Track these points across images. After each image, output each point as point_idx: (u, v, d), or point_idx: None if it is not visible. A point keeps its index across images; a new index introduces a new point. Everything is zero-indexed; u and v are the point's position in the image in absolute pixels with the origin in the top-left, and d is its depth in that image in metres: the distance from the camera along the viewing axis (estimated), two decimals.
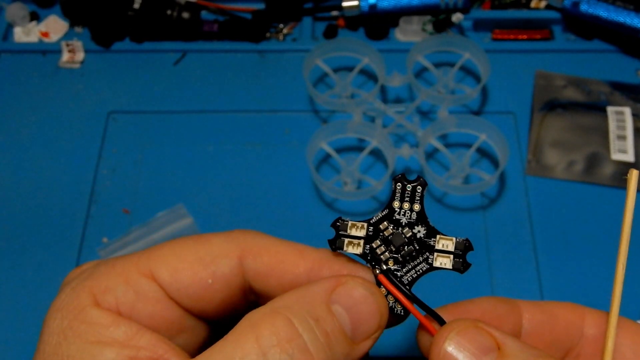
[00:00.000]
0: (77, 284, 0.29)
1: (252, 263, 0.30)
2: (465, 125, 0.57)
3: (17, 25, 0.68)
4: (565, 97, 0.61)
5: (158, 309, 0.29)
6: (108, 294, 0.28)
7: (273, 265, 0.30)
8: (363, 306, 0.28)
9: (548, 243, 0.54)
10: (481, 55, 0.59)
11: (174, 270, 0.29)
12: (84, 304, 0.28)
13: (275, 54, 0.66)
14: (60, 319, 0.28)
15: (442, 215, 0.56)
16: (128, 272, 0.29)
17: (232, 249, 0.30)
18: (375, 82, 0.62)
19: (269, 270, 0.30)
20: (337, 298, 0.28)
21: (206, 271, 0.29)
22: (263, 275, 0.30)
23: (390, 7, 0.65)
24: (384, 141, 0.55)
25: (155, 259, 0.29)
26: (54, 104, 0.63)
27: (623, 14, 0.62)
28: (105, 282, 0.29)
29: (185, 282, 0.29)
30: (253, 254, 0.30)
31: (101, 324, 0.27)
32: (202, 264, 0.29)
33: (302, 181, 0.58)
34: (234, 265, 0.29)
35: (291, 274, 0.30)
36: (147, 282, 0.29)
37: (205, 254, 0.29)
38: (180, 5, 0.65)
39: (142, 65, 0.65)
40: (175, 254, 0.29)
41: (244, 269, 0.30)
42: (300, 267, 0.30)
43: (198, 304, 0.29)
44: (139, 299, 0.29)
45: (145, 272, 0.29)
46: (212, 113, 0.62)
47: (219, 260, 0.29)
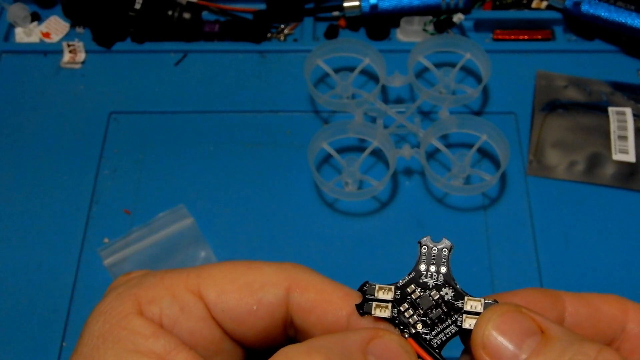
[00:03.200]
0: (124, 291, 0.29)
1: (298, 297, 0.30)
2: (466, 125, 0.57)
3: (18, 26, 0.68)
4: (566, 97, 0.61)
5: (200, 326, 0.29)
6: (153, 305, 0.29)
7: (318, 302, 0.30)
8: None
9: (549, 243, 0.54)
10: (482, 55, 0.59)
11: (222, 291, 0.29)
12: (128, 311, 0.28)
13: (276, 54, 0.66)
14: (102, 323, 0.28)
15: (443, 216, 0.56)
16: (176, 286, 0.29)
17: (281, 279, 0.30)
18: (376, 83, 0.62)
19: (312, 306, 0.30)
20: (372, 349, 0.28)
21: (253, 297, 0.29)
22: (306, 310, 0.30)
23: (391, 8, 0.65)
24: (385, 141, 0.55)
25: (204, 277, 0.30)
26: (55, 104, 0.63)
27: (624, 15, 0.62)
28: (152, 292, 0.29)
29: (231, 304, 0.29)
30: (300, 287, 0.30)
31: (142, 333, 0.28)
32: (250, 289, 0.29)
33: (303, 181, 0.58)
34: (280, 295, 0.30)
35: (333, 315, 0.30)
36: (193, 299, 0.29)
37: (254, 280, 0.30)
38: (181, 6, 0.65)
39: (143, 65, 0.65)
40: (224, 276, 0.30)
41: (289, 301, 0.30)
42: (343, 310, 0.30)
43: (239, 328, 0.30)
44: (182, 313, 0.29)
45: (193, 289, 0.29)
46: (213, 113, 0.62)
47: (267, 288, 0.30)
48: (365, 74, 0.63)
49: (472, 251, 0.54)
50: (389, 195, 0.57)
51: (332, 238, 0.55)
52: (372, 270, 0.53)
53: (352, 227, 0.56)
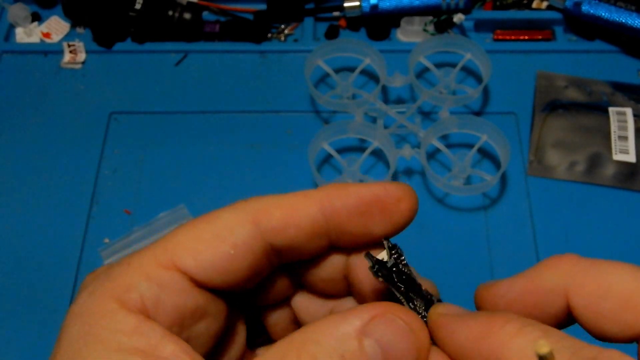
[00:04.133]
0: (96, 288, 0.29)
1: (266, 222, 0.30)
2: (466, 125, 0.57)
3: (19, 26, 0.68)
4: (566, 97, 0.61)
5: (183, 298, 0.29)
6: (131, 292, 0.28)
7: (286, 216, 0.30)
8: (399, 344, 0.26)
9: (550, 244, 0.54)
10: (482, 55, 0.59)
11: (196, 253, 0.29)
12: (107, 307, 0.28)
13: (276, 54, 0.66)
14: (80, 325, 0.28)
15: (444, 216, 0.56)
16: (147, 267, 0.29)
17: (244, 215, 0.30)
18: (377, 83, 0.62)
19: (284, 223, 0.30)
20: (371, 331, 0.26)
21: (225, 244, 0.29)
22: (280, 229, 0.30)
23: (391, 8, 0.65)
24: (385, 142, 0.55)
25: (172, 248, 0.29)
26: (56, 104, 0.63)
27: (624, 15, 0.62)
28: (125, 281, 0.28)
29: (209, 260, 0.29)
30: (264, 213, 0.30)
31: (124, 330, 0.27)
32: (220, 238, 0.29)
33: (304, 182, 0.58)
34: (250, 230, 0.29)
35: (306, 218, 0.30)
36: (169, 274, 0.29)
37: (220, 228, 0.29)
38: (181, 6, 0.65)
39: (144, 65, 0.65)
40: (190, 238, 0.29)
41: (261, 230, 0.30)
42: (311, 208, 0.30)
43: (224, 278, 0.29)
44: (162, 291, 0.28)
45: (166, 264, 0.29)
46: (214, 114, 0.62)
47: (235, 229, 0.29)
48: (365, 74, 0.63)
49: (473, 251, 0.54)
50: None
51: None
52: None
53: None
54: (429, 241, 0.55)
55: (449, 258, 0.54)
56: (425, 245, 0.54)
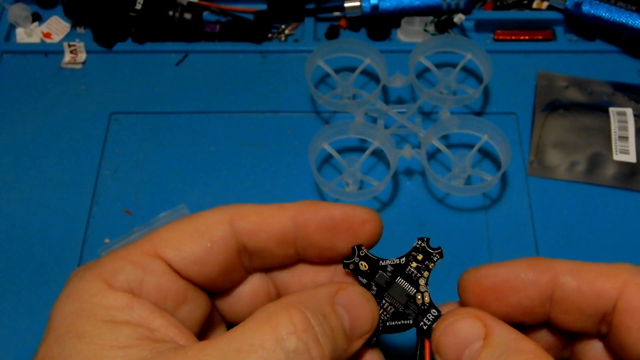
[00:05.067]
0: (85, 273, 0.31)
1: (242, 224, 0.33)
2: (467, 126, 0.57)
3: (19, 26, 0.68)
4: (567, 97, 0.61)
5: (164, 281, 0.32)
6: (118, 275, 0.31)
7: (260, 221, 0.34)
8: (360, 310, 0.32)
9: (550, 244, 0.54)
10: (483, 56, 0.59)
11: (176, 243, 0.32)
12: (97, 288, 0.30)
13: (277, 54, 0.66)
14: (71, 302, 0.30)
15: (444, 216, 0.56)
16: (132, 255, 0.32)
17: (223, 216, 0.33)
18: (377, 83, 0.62)
19: (257, 226, 0.34)
20: (339, 300, 0.31)
21: (204, 238, 0.33)
22: (254, 232, 0.34)
23: (392, 8, 0.65)
24: (385, 142, 0.55)
25: (156, 240, 0.33)
26: (56, 104, 0.63)
27: (625, 15, 0.62)
28: (112, 266, 0.31)
29: (187, 251, 0.32)
30: (241, 216, 0.33)
31: (115, 306, 0.29)
32: (199, 233, 0.33)
33: (304, 182, 0.58)
34: (226, 229, 0.33)
35: (278, 224, 0.34)
36: (152, 260, 0.32)
37: (200, 225, 0.33)
38: (182, 6, 0.65)
39: (144, 66, 0.65)
40: (173, 232, 0.33)
41: (236, 231, 0.33)
42: (284, 217, 0.34)
43: (201, 269, 0.33)
44: (146, 274, 0.31)
45: (150, 253, 0.32)
46: (214, 114, 0.62)
47: (214, 226, 0.33)
48: (366, 75, 0.63)
49: (473, 251, 0.54)
50: (390, 195, 0.57)
51: None
52: None
53: None
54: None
55: (449, 258, 0.54)
56: None
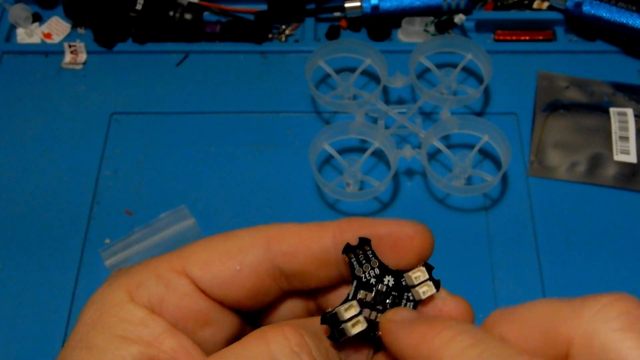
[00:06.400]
0: (114, 280, 0.31)
1: (277, 247, 0.32)
2: (467, 126, 0.57)
3: (20, 27, 0.68)
4: (567, 98, 0.61)
5: (186, 301, 0.31)
6: (141, 289, 0.30)
7: (298, 243, 0.32)
8: None
9: (550, 244, 0.54)
10: (483, 56, 0.59)
11: (204, 262, 0.31)
12: (119, 299, 0.30)
13: (277, 55, 0.66)
14: (93, 311, 0.30)
15: (445, 216, 0.56)
16: (159, 268, 0.31)
17: (258, 238, 0.32)
18: (378, 83, 0.62)
19: (295, 249, 0.32)
20: None
21: (234, 260, 0.31)
22: (291, 254, 0.32)
23: (392, 8, 0.65)
24: (386, 142, 0.55)
25: (185, 256, 0.32)
26: (57, 105, 0.63)
27: (625, 15, 0.62)
28: (139, 277, 0.31)
29: (215, 271, 0.31)
30: (277, 239, 0.32)
31: (130, 320, 0.29)
32: (230, 254, 0.31)
33: (305, 182, 0.58)
34: (260, 252, 0.32)
35: (317, 246, 0.32)
36: (177, 277, 0.31)
37: (233, 245, 0.32)
38: (182, 7, 0.65)
39: (145, 66, 0.65)
40: (204, 249, 0.32)
41: (272, 254, 0.32)
42: (324, 238, 0.32)
43: (229, 292, 0.31)
44: (168, 290, 0.31)
45: (177, 269, 0.31)
46: (215, 114, 0.62)
47: (246, 249, 0.32)
48: (366, 75, 0.63)
49: (473, 252, 0.54)
50: (390, 195, 0.57)
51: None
52: None
53: None
54: None
55: (449, 258, 0.54)
56: None
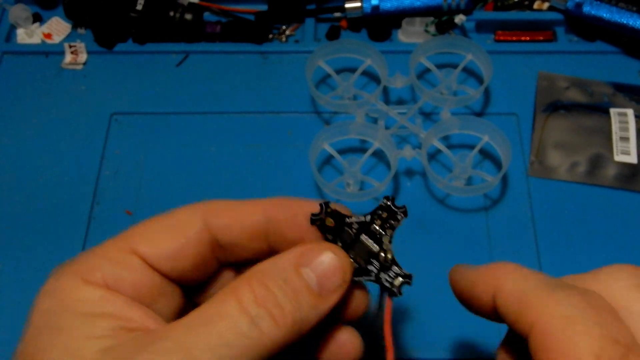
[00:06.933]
0: (62, 271, 0.32)
1: (215, 219, 0.35)
2: (467, 126, 0.57)
3: (20, 27, 0.68)
4: (568, 98, 0.61)
5: (140, 277, 0.32)
6: (94, 272, 0.32)
7: (233, 216, 0.35)
8: (327, 266, 0.33)
9: (551, 244, 0.54)
10: (484, 56, 0.59)
11: (150, 240, 0.33)
12: (73, 284, 0.31)
13: (277, 55, 0.66)
14: (49, 299, 0.31)
15: (445, 217, 0.56)
16: (107, 251, 0.33)
17: (197, 213, 0.35)
18: (378, 84, 0.62)
19: (230, 222, 0.35)
20: (304, 261, 0.33)
21: (178, 234, 0.34)
22: (226, 227, 0.35)
23: (392, 9, 0.65)
24: (386, 142, 0.55)
25: (130, 236, 0.34)
26: (57, 105, 0.63)
27: (626, 16, 0.62)
28: (89, 263, 0.32)
29: (162, 247, 0.33)
30: (214, 212, 0.35)
31: (91, 300, 0.30)
32: (174, 230, 0.34)
33: (305, 182, 0.58)
34: (200, 224, 0.34)
35: (250, 220, 0.35)
36: (128, 257, 0.33)
37: (174, 222, 0.35)
38: (183, 7, 0.65)
39: (145, 66, 0.65)
40: (148, 228, 0.34)
41: (210, 226, 0.35)
42: (256, 213, 0.35)
43: (176, 264, 0.34)
44: (122, 270, 0.32)
45: (125, 249, 0.33)
46: (215, 114, 0.62)
47: (188, 223, 0.34)
48: (366, 75, 0.63)
49: (474, 252, 0.54)
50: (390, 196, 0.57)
51: None
52: None
53: None
54: (429, 242, 0.54)
55: (449, 258, 0.54)
56: (426, 246, 0.54)
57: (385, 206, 0.37)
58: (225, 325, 0.29)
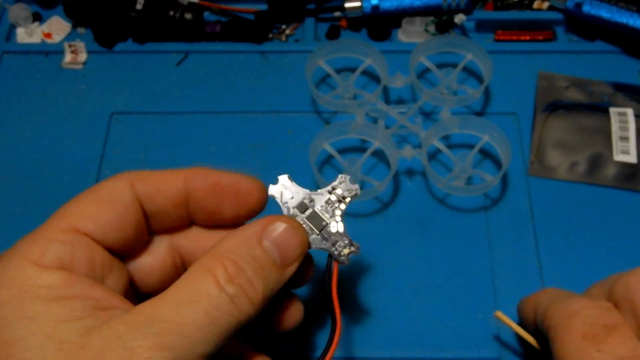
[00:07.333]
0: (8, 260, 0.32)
1: (141, 188, 0.36)
2: (467, 126, 0.57)
3: (20, 26, 0.68)
4: (567, 98, 0.61)
5: (91, 254, 0.33)
6: (47, 255, 0.32)
7: (157, 184, 0.36)
8: (287, 239, 0.35)
9: (550, 244, 0.54)
10: (484, 56, 0.59)
11: (89, 215, 0.34)
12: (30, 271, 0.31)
13: (277, 54, 0.66)
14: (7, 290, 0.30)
15: (445, 216, 0.56)
16: (53, 233, 0.33)
17: (123, 182, 0.36)
18: (378, 83, 0.62)
19: (155, 189, 0.36)
20: (266, 236, 0.34)
21: (116, 205, 0.35)
22: (151, 195, 0.36)
23: (392, 8, 0.65)
24: (386, 142, 0.55)
25: (69, 215, 0.34)
26: (57, 105, 0.63)
27: (625, 15, 0.62)
28: (38, 247, 0.32)
29: (103, 219, 0.34)
30: (140, 180, 0.36)
31: (54, 285, 0.31)
32: (109, 201, 0.35)
33: (305, 182, 0.57)
34: (130, 193, 0.35)
35: (172, 188, 0.37)
36: (74, 235, 0.33)
37: (107, 194, 0.35)
38: (182, 6, 0.65)
39: (145, 66, 0.65)
40: (82, 205, 0.35)
41: (138, 194, 0.36)
42: (177, 182, 0.37)
43: (119, 235, 0.35)
44: (75, 249, 0.32)
45: (68, 228, 0.33)
46: (215, 114, 0.62)
47: (120, 193, 0.35)
48: (366, 75, 0.63)
49: (474, 252, 0.54)
50: (391, 195, 0.57)
51: None
52: (373, 270, 0.53)
53: (354, 228, 0.55)
54: (429, 241, 0.55)
55: (449, 258, 0.54)
56: (426, 246, 0.54)
57: (341, 182, 0.40)
58: (209, 304, 0.31)
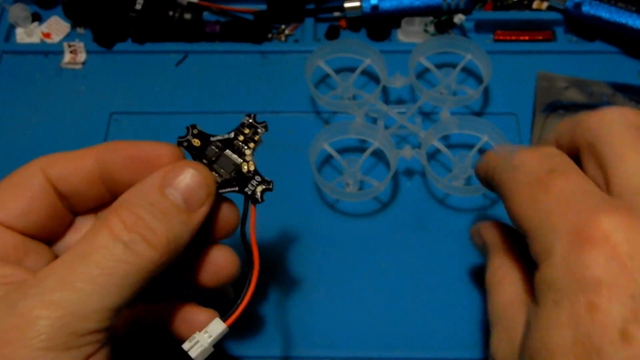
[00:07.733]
0: None
1: (52, 171, 0.36)
2: (467, 126, 0.57)
3: (19, 26, 0.68)
4: (567, 98, 0.61)
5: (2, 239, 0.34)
6: None
7: (67, 165, 0.37)
8: (190, 182, 0.34)
9: None
10: (483, 56, 0.59)
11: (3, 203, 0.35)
12: None
13: (277, 55, 0.66)
14: None
15: (444, 216, 0.56)
16: None
17: (34, 167, 0.36)
18: (377, 84, 0.62)
19: (66, 171, 0.37)
20: (167, 182, 0.34)
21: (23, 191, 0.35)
22: (63, 176, 0.36)
23: (392, 8, 0.65)
24: (385, 142, 0.55)
25: None
26: (56, 105, 0.63)
27: (625, 15, 0.62)
28: None
29: (11, 206, 0.35)
30: (50, 164, 0.37)
31: None
32: (18, 188, 0.36)
33: (304, 182, 0.58)
34: (41, 178, 0.36)
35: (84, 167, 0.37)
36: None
37: (18, 180, 0.36)
38: (182, 6, 0.65)
39: (144, 66, 0.65)
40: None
41: (50, 178, 0.36)
42: (88, 158, 0.37)
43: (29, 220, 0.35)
44: None
45: None
46: (214, 114, 0.62)
47: (29, 179, 0.36)
48: (366, 75, 0.63)
49: (474, 252, 0.54)
50: (390, 195, 0.57)
51: (332, 238, 0.55)
52: (373, 270, 0.53)
53: (353, 228, 0.56)
54: (429, 241, 0.55)
55: (449, 258, 0.54)
56: (426, 246, 0.54)
57: (248, 123, 0.40)
58: (101, 254, 0.30)
